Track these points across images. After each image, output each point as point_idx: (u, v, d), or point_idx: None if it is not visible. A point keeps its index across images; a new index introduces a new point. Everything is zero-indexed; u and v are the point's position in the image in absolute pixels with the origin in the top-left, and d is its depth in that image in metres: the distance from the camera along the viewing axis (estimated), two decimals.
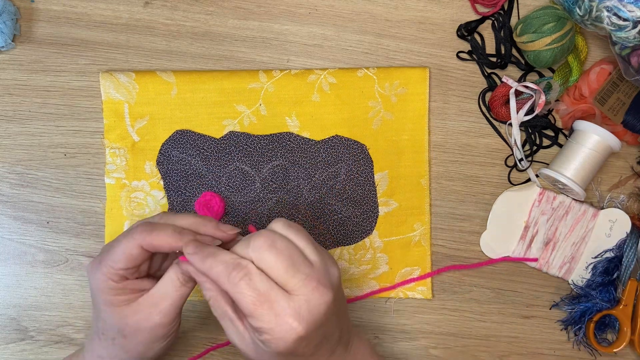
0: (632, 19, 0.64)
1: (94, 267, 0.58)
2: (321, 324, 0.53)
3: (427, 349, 0.74)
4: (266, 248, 0.52)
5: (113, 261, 0.57)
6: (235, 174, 0.72)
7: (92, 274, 0.58)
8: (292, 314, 0.51)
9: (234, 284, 0.51)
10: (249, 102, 0.72)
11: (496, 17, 0.74)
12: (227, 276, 0.52)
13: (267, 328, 0.51)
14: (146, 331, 0.58)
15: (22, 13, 0.72)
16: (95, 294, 0.59)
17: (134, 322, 0.58)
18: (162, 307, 0.57)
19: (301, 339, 0.52)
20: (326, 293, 0.52)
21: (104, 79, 0.71)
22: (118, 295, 0.58)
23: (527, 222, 0.73)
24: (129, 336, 0.58)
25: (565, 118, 0.74)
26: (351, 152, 0.73)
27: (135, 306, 0.58)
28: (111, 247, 0.58)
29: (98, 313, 0.60)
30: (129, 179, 0.72)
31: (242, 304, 0.51)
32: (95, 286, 0.58)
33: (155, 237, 0.56)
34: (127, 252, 0.56)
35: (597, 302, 0.71)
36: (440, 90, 0.74)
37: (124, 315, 0.58)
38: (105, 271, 0.57)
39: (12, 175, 0.72)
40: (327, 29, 0.73)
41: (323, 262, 0.54)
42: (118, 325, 0.58)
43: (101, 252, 0.59)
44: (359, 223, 0.73)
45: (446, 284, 0.74)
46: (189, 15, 0.73)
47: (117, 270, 0.57)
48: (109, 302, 0.58)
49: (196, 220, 0.58)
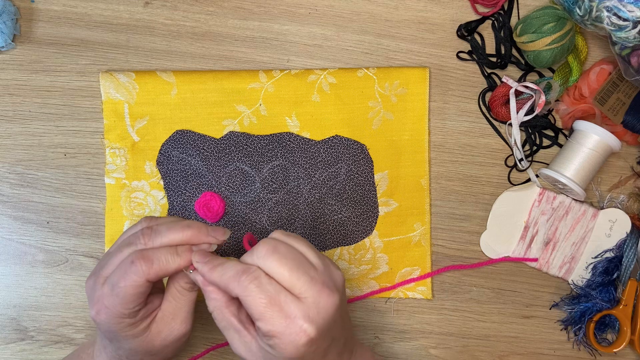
0: (632, 19, 0.64)
1: (102, 313, 0.56)
2: (330, 327, 0.53)
3: (427, 349, 0.74)
4: (270, 254, 0.53)
5: (122, 304, 0.56)
6: (235, 174, 0.72)
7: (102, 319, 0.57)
8: (302, 317, 0.51)
9: (245, 287, 0.52)
10: (249, 102, 0.72)
11: (496, 17, 0.74)
12: (238, 281, 0.52)
13: (278, 331, 0.51)
14: (172, 343, 0.59)
15: (22, 13, 0.72)
16: (112, 334, 0.58)
17: (160, 341, 0.59)
18: (179, 317, 0.59)
19: (312, 342, 0.52)
20: (332, 295, 0.53)
21: (104, 79, 0.71)
22: (136, 327, 0.58)
23: (527, 222, 0.73)
24: (158, 352, 0.60)
25: (565, 118, 0.74)
26: (351, 152, 0.73)
27: (155, 327, 0.58)
28: (114, 290, 0.55)
29: (119, 345, 0.59)
30: (129, 179, 0.72)
31: (253, 307, 0.52)
32: (110, 328, 0.57)
33: (157, 267, 0.56)
34: (135, 292, 0.55)
35: (597, 302, 0.71)
36: (440, 90, 0.74)
37: (150, 340, 0.58)
38: (118, 314, 0.56)
39: (12, 175, 0.72)
40: (327, 29, 0.74)
41: (326, 266, 0.55)
42: (145, 349, 0.59)
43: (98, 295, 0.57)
44: (359, 223, 0.73)
45: (446, 284, 0.74)
46: (189, 15, 0.73)
47: (131, 309, 0.56)
48: (130, 336, 0.58)
49: (186, 233, 0.57)
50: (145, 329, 0.58)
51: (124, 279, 0.55)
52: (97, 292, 0.57)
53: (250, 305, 0.52)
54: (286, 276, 0.52)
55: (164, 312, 0.59)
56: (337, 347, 0.56)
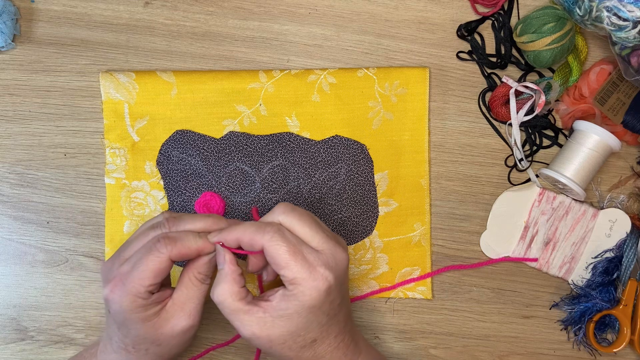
0: (632, 19, 0.64)
1: (117, 289, 0.58)
2: (343, 281, 0.59)
3: (427, 349, 0.74)
4: (289, 211, 0.58)
5: (141, 279, 0.57)
6: (235, 174, 0.72)
7: (116, 297, 0.58)
8: (322, 265, 0.56)
9: (270, 236, 0.56)
10: (249, 102, 0.72)
11: (496, 17, 0.74)
12: (263, 232, 0.56)
13: (302, 278, 0.55)
14: (179, 334, 0.60)
15: (22, 13, 0.72)
16: (122, 315, 0.58)
17: (167, 330, 0.59)
18: (189, 308, 0.60)
19: (330, 289, 0.56)
20: (344, 252, 0.58)
21: (104, 79, 0.71)
22: (147, 311, 0.58)
23: (527, 222, 0.73)
24: (163, 343, 0.60)
25: (565, 118, 0.74)
26: (351, 152, 0.73)
27: (165, 314, 0.59)
28: (135, 266, 0.57)
29: (127, 331, 0.59)
30: (129, 179, 0.72)
31: (278, 255, 0.56)
32: (121, 308, 0.58)
33: (180, 246, 0.58)
34: (156, 268, 0.57)
35: (597, 302, 0.71)
36: (440, 90, 0.74)
37: (158, 327, 0.59)
38: (133, 291, 0.57)
39: (12, 175, 0.72)
40: (327, 29, 0.74)
41: (332, 234, 0.60)
42: (152, 336, 0.59)
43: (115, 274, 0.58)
44: (359, 223, 0.73)
45: (446, 284, 0.74)
46: (189, 15, 0.73)
47: (147, 287, 0.57)
48: (139, 319, 0.58)
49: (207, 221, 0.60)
50: (155, 315, 0.59)
51: (147, 255, 0.57)
52: (115, 271, 0.58)
53: (276, 254, 0.56)
54: (306, 230, 0.57)
55: (174, 301, 0.60)
56: (347, 308, 0.61)
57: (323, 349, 0.59)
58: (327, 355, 0.60)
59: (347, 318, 0.62)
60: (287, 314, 0.56)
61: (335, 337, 0.60)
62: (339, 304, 0.59)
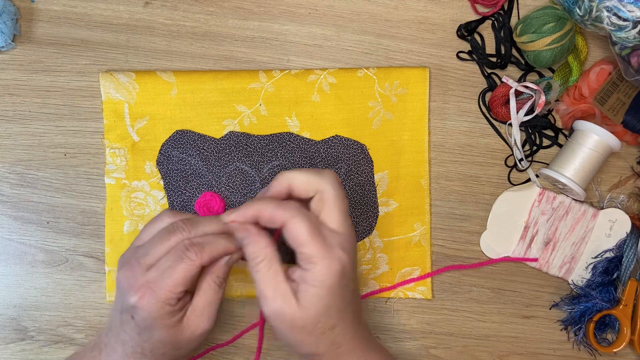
0: (632, 19, 0.64)
1: (147, 296, 0.57)
2: (354, 265, 0.60)
3: (427, 349, 0.74)
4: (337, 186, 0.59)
5: (174, 286, 0.57)
6: (235, 174, 0.72)
7: (144, 304, 0.57)
8: (339, 246, 0.57)
9: (292, 213, 0.56)
10: (249, 102, 0.72)
11: (496, 17, 0.74)
12: (283, 209, 0.57)
13: (319, 257, 0.56)
14: (198, 338, 0.61)
15: (22, 13, 0.72)
16: (149, 321, 0.58)
17: (188, 335, 0.60)
18: (208, 313, 0.60)
19: (344, 271, 0.57)
20: (355, 236, 0.61)
21: (104, 79, 0.71)
22: (173, 317, 0.58)
23: (527, 222, 0.73)
24: (183, 347, 0.61)
25: (565, 118, 0.74)
26: (351, 152, 0.73)
27: (186, 321, 0.59)
28: (166, 274, 0.57)
29: (149, 336, 0.59)
30: (129, 179, 0.72)
31: (299, 232, 0.56)
32: (150, 315, 0.57)
33: (209, 251, 0.58)
34: (189, 275, 0.57)
35: (597, 302, 0.71)
36: (440, 90, 0.74)
37: (179, 333, 0.59)
38: (163, 298, 0.57)
39: (12, 175, 0.72)
40: (327, 29, 0.74)
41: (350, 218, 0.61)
42: (172, 342, 0.60)
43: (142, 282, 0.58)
44: (359, 223, 0.73)
45: (446, 284, 0.74)
46: (189, 15, 0.73)
47: (178, 294, 0.57)
48: (166, 325, 0.58)
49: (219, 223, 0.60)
50: (179, 321, 0.59)
51: (179, 263, 0.57)
52: (141, 278, 0.58)
53: (296, 231, 0.56)
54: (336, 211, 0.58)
55: (194, 307, 0.60)
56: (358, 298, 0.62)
57: (342, 336, 0.59)
58: (344, 343, 0.60)
59: (360, 308, 0.62)
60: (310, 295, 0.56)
61: (352, 324, 0.60)
62: (352, 290, 0.59)
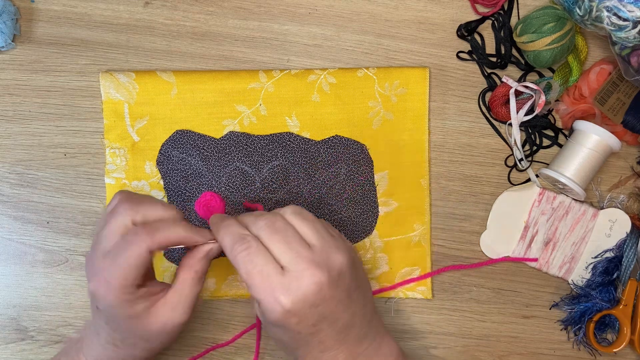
0: (632, 19, 0.64)
1: (102, 286, 0.56)
2: (313, 304, 0.55)
3: (427, 349, 0.74)
4: (265, 227, 0.57)
5: (124, 276, 0.56)
6: (235, 174, 0.72)
7: (101, 292, 0.56)
8: (280, 288, 0.55)
9: (234, 255, 0.56)
10: (249, 102, 0.72)
11: (496, 17, 0.74)
12: (231, 248, 0.57)
13: (259, 298, 0.55)
14: (170, 331, 0.59)
15: (22, 13, 0.72)
16: (110, 310, 0.57)
17: (158, 327, 0.58)
18: (182, 306, 0.59)
19: (289, 314, 0.55)
20: (317, 274, 0.55)
21: (104, 79, 0.71)
22: (136, 306, 0.57)
23: (527, 222, 0.73)
24: (152, 339, 0.59)
25: (565, 118, 0.74)
26: (351, 152, 0.73)
27: (155, 312, 0.58)
28: (116, 263, 0.56)
29: (116, 326, 0.59)
30: (129, 179, 0.72)
31: (239, 274, 0.57)
32: (109, 303, 0.57)
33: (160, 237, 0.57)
34: (138, 262, 0.56)
35: (597, 302, 0.71)
36: (440, 90, 0.74)
37: (147, 324, 0.58)
38: (117, 286, 0.56)
39: (12, 175, 0.72)
40: (327, 29, 0.74)
41: (325, 247, 0.57)
42: (140, 333, 0.59)
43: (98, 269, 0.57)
44: (359, 223, 0.73)
45: (446, 284, 0.74)
46: (189, 15, 0.73)
47: (132, 282, 0.56)
48: (128, 315, 0.57)
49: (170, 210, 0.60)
50: (144, 311, 0.58)
51: (126, 249, 0.56)
52: (97, 265, 0.57)
53: (238, 272, 0.56)
54: (275, 250, 0.56)
55: (167, 299, 0.59)
56: (335, 326, 0.58)
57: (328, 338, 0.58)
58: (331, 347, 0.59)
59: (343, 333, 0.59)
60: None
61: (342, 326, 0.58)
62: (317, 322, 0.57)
